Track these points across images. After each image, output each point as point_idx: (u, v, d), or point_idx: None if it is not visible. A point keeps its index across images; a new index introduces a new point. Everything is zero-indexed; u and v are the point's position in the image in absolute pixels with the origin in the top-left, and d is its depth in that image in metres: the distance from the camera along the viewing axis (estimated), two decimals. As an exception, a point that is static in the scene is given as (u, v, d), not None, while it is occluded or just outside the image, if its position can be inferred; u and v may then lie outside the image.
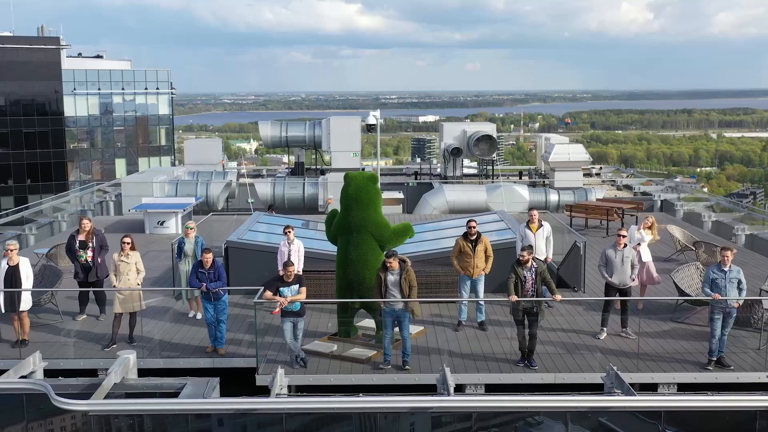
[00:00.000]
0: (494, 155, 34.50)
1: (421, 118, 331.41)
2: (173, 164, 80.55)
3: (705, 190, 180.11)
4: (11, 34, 74.13)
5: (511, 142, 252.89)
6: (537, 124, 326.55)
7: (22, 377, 11.45)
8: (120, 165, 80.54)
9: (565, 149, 31.58)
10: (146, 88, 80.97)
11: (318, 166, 34.65)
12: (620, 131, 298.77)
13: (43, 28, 78.12)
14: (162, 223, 23.20)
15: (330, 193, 28.67)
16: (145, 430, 10.69)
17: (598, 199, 26.73)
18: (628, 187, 33.77)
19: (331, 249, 14.53)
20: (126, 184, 27.80)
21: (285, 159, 73.92)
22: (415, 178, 35.72)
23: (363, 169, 33.18)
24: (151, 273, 17.18)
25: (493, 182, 31.95)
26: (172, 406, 10.30)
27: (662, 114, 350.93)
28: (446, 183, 30.76)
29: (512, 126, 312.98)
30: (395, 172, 40.79)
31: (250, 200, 31.08)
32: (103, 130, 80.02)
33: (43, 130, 72.14)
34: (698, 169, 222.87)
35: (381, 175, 30.62)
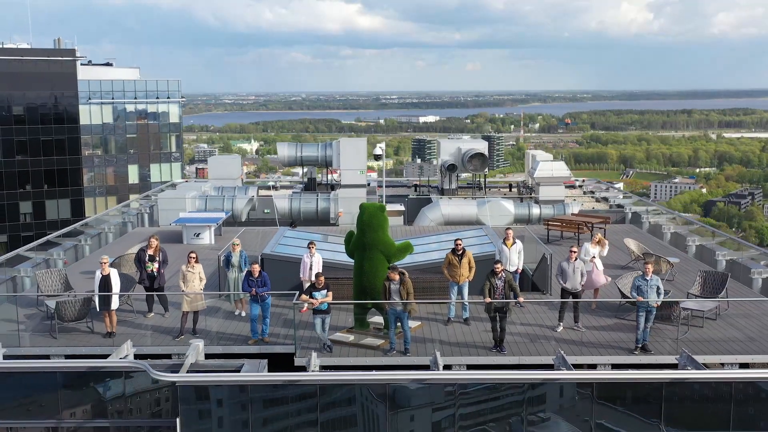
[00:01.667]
0: (486, 170, 38.35)
1: (422, 119, 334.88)
2: (183, 170, 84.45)
3: (704, 191, 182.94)
4: (29, 47, 77.93)
5: (511, 143, 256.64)
6: (537, 125, 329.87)
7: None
8: (132, 171, 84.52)
9: (548, 166, 35.43)
10: (157, 97, 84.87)
11: (329, 181, 38.50)
12: (620, 131, 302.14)
13: (59, 40, 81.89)
14: (198, 235, 27.09)
15: (340, 206, 32.53)
16: (216, 397, 14.64)
17: (573, 214, 30.51)
18: (605, 200, 37.64)
19: (348, 260, 18.52)
20: (162, 199, 31.74)
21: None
22: (415, 191, 39.60)
23: (369, 184, 37.17)
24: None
25: (484, 196, 35.81)
26: (240, 378, 14.31)
27: (662, 114, 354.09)
28: (442, 198, 34.61)
29: (512, 126, 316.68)
30: (397, 183, 44.48)
31: (266, 210, 35.02)
32: (116, 138, 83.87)
33: (59, 138, 75.64)
34: (697, 170, 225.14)
35: (385, 187, 34.53)
